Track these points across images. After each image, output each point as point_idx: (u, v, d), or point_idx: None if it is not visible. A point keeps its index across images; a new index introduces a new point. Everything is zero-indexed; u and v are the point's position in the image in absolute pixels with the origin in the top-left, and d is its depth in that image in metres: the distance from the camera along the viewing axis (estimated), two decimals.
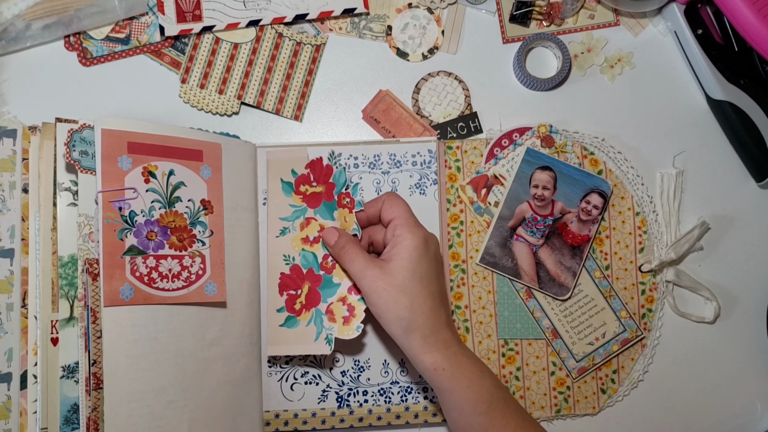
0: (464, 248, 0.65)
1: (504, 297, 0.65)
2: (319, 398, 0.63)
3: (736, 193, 0.68)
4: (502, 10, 0.69)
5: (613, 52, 0.69)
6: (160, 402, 0.55)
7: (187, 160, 0.58)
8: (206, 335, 0.58)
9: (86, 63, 0.66)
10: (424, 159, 0.65)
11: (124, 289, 0.54)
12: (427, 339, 0.55)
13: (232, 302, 0.60)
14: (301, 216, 0.63)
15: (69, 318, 0.57)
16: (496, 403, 0.55)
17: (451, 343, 0.56)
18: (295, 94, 0.67)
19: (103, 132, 0.54)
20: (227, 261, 0.60)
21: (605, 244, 0.66)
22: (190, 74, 0.66)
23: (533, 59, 0.69)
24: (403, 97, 0.68)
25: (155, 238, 0.56)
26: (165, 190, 0.57)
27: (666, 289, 0.66)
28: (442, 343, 0.55)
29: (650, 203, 0.66)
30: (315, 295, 0.62)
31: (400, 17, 0.68)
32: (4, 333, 0.59)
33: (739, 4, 0.62)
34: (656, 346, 0.66)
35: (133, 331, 0.54)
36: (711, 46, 0.66)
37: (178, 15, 0.66)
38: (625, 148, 0.67)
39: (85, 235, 0.57)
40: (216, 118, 0.67)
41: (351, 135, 0.67)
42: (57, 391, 0.56)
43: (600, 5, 0.69)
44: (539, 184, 0.65)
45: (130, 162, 0.55)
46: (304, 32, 0.68)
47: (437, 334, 0.55)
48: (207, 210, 0.59)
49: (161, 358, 0.55)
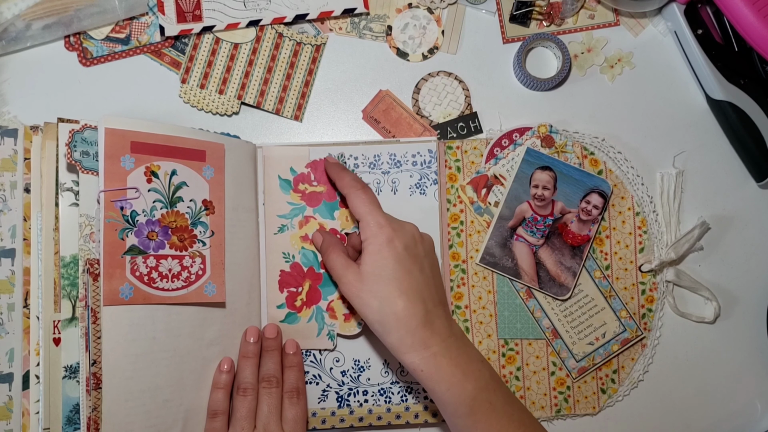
0: (464, 248, 0.65)
1: (504, 297, 0.65)
2: (320, 398, 0.63)
3: (736, 193, 0.68)
4: (502, 10, 0.69)
5: (613, 52, 0.69)
6: (156, 401, 0.55)
7: (189, 160, 0.58)
8: (205, 335, 0.58)
9: (86, 63, 0.66)
10: (425, 159, 0.65)
11: (123, 289, 0.54)
12: (403, 340, 0.54)
13: (232, 302, 0.60)
14: (300, 214, 0.63)
15: (71, 318, 0.57)
16: (478, 406, 0.53)
17: (430, 342, 0.54)
18: (295, 94, 0.67)
19: (107, 131, 0.54)
20: (227, 261, 0.60)
21: (605, 244, 0.66)
22: (190, 74, 0.67)
23: (533, 59, 0.69)
24: (403, 97, 0.68)
25: (156, 238, 0.56)
26: (167, 190, 0.57)
27: (666, 289, 0.66)
28: (420, 343, 0.54)
29: (650, 203, 0.67)
30: (316, 292, 0.62)
31: (400, 17, 0.68)
32: (5, 333, 0.59)
33: (739, 4, 0.62)
34: (656, 346, 0.66)
35: (131, 331, 0.54)
36: (711, 46, 0.66)
37: (178, 15, 0.66)
38: (625, 148, 0.67)
39: (86, 235, 0.57)
40: (216, 118, 0.67)
41: (351, 135, 0.68)
42: (59, 391, 0.56)
43: (600, 5, 0.69)
44: (539, 184, 0.65)
45: (132, 161, 0.55)
46: (304, 32, 0.68)
47: (414, 335, 0.54)
48: (208, 210, 0.59)
49: (158, 358, 0.55)
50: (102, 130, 0.54)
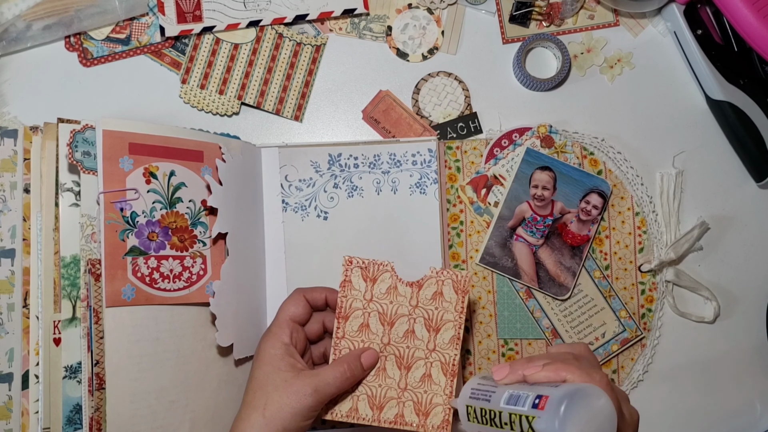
0: (464, 248, 0.65)
1: (504, 297, 0.65)
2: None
3: (736, 193, 0.68)
4: (501, 11, 0.69)
5: (613, 53, 0.69)
6: (162, 402, 0.55)
7: (188, 161, 0.58)
8: (208, 335, 0.58)
9: (87, 63, 0.66)
10: (425, 158, 0.65)
11: (125, 290, 0.54)
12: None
13: None
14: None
15: (71, 318, 0.57)
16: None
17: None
18: (295, 94, 0.67)
19: (105, 133, 0.54)
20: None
21: (605, 244, 0.66)
22: (191, 75, 0.67)
23: (533, 59, 0.69)
24: (403, 98, 0.68)
25: (156, 238, 0.56)
26: (166, 191, 0.57)
27: (666, 289, 0.66)
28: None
29: (650, 203, 0.67)
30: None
31: (400, 18, 0.68)
32: (5, 333, 0.59)
33: (739, 5, 0.62)
34: (656, 346, 0.66)
35: (134, 332, 0.54)
36: (711, 46, 0.66)
37: (178, 15, 0.66)
38: (625, 148, 0.67)
39: (87, 235, 0.58)
40: (216, 119, 0.67)
41: (351, 135, 0.68)
42: (59, 391, 0.56)
43: (600, 5, 0.69)
44: (539, 184, 0.65)
45: (131, 163, 0.55)
46: (304, 33, 0.68)
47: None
48: (208, 210, 0.59)
49: (163, 359, 0.55)
50: (100, 132, 0.54)
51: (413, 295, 0.54)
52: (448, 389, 0.54)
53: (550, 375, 0.44)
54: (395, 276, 0.54)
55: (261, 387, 0.50)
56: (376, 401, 0.54)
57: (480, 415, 0.46)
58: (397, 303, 0.54)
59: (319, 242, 0.64)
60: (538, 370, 0.44)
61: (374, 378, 0.54)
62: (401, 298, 0.54)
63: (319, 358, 0.57)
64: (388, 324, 0.54)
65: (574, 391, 0.40)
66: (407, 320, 0.54)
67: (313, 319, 0.56)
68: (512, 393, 0.44)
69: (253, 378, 0.52)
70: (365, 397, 0.54)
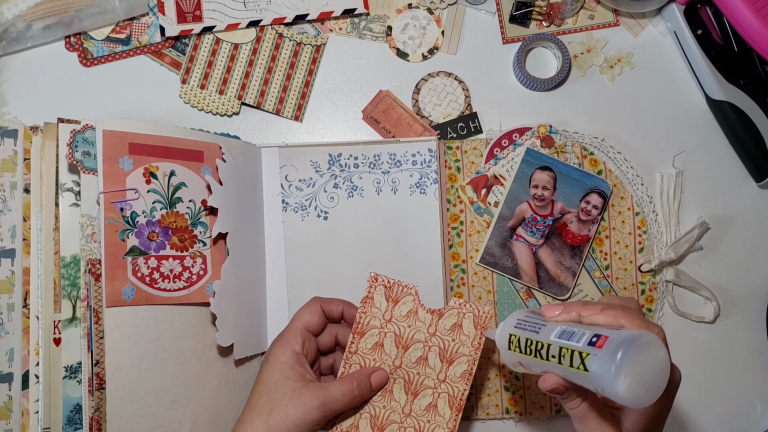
0: (464, 248, 0.65)
1: (504, 297, 0.65)
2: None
3: (736, 193, 0.68)
4: (502, 11, 0.69)
5: (613, 53, 0.69)
6: (162, 402, 0.55)
7: (187, 161, 0.58)
8: (207, 335, 0.58)
9: (87, 63, 0.66)
10: (425, 158, 0.65)
11: (125, 290, 0.54)
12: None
13: None
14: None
15: (71, 318, 0.57)
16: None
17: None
18: (295, 94, 0.67)
19: (105, 133, 0.54)
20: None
21: (605, 244, 0.66)
22: (191, 75, 0.67)
23: (533, 59, 0.69)
24: (403, 98, 0.68)
25: (156, 238, 0.56)
26: (166, 191, 0.57)
27: (666, 289, 0.66)
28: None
29: (650, 203, 0.67)
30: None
31: (400, 18, 0.68)
32: (5, 333, 0.59)
33: (739, 5, 0.62)
34: None
35: (135, 332, 0.54)
36: (711, 46, 0.66)
37: (178, 15, 0.66)
38: (625, 148, 0.67)
39: (87, 235, 0.58)
40: (216, 119, 0.67)
41: (351, 135, 0.68)
42: (59, 391, 0.56)
43: (600, 5, 0.69)
44: (539, 184, 0.65)
45: (131, 163, 0.55)
46: (305, 33, 0.68)
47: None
48: (208, 210, 0.59)
49: (163, 359, 0.55)
50: (99, 132, 0.54)
51: (432, 322, 0.54)
52: (452, 423, 0.53)
53: (609, 320, 0.43)
54: (418, 300, 0.54)
55: (268, 393, 0.50)
56: (378, 422, 0.53)
57: (525, 344, 0.45)
58: (415, 328, 0.54)
59: (319, 242, 0.64)
60: (596, 312, 0.44)
61: (380, 398, 0.53)
62: (420, 324, 0.54)
63: (326, 369, 0.57)
64: (403, 347, 0.54)
65: (636, 336, 0.40)
66: (422, 347, 0.54)
67: (326, 331, 0.55)
68: (565, 329, 0.43)
69: (260, 382, 0.51)
70: (368, 416, 0.53)
